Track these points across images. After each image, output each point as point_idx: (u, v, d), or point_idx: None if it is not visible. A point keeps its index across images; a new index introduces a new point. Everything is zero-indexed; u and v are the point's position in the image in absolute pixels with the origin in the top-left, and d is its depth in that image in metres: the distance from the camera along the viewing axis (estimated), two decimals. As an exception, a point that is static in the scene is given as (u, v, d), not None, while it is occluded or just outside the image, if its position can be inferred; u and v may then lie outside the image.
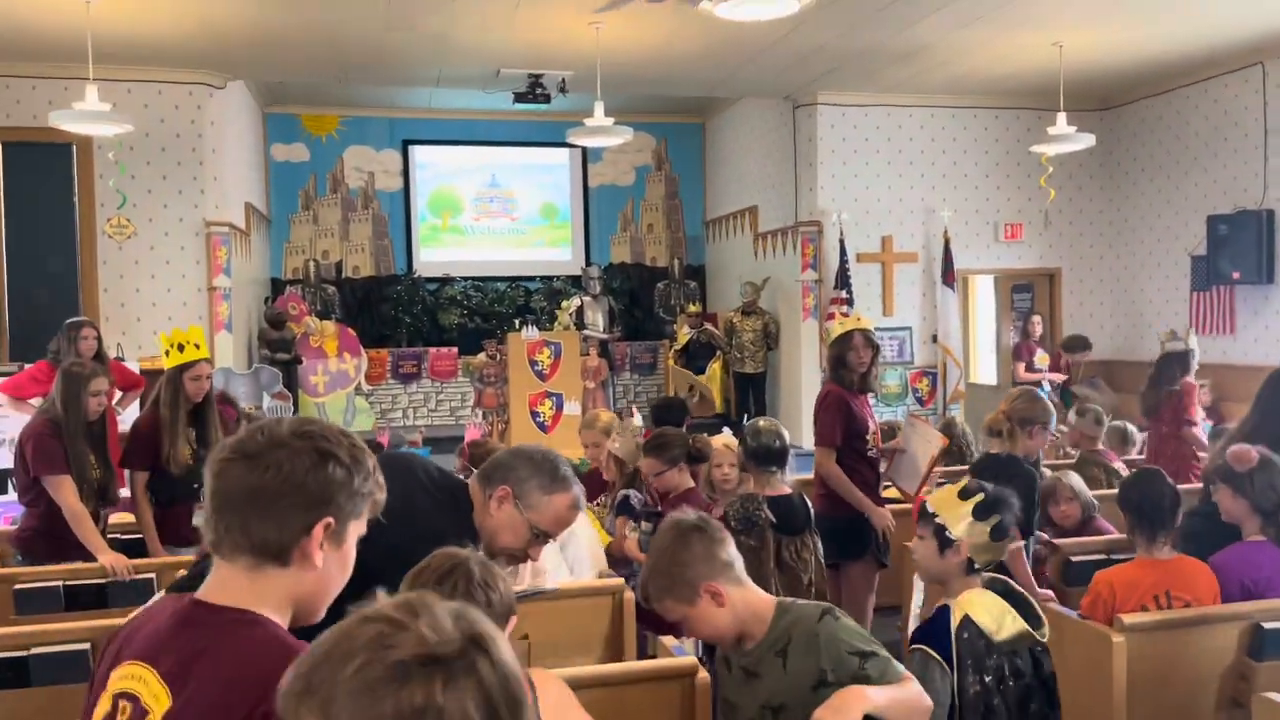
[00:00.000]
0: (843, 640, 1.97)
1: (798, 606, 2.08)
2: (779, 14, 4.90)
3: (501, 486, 2.17)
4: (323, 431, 1.37)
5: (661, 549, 2.11)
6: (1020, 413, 3.86)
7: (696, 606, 2.05)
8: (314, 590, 1.36)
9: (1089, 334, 10.46)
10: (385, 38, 7.73)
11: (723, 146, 12.75)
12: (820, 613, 2.03)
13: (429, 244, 12.92)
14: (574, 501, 2.22)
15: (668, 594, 2.08)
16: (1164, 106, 9.73)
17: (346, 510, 1.36)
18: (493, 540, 2.19)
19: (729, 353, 10.90)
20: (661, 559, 2.10)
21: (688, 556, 2.06)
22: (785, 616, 2.06)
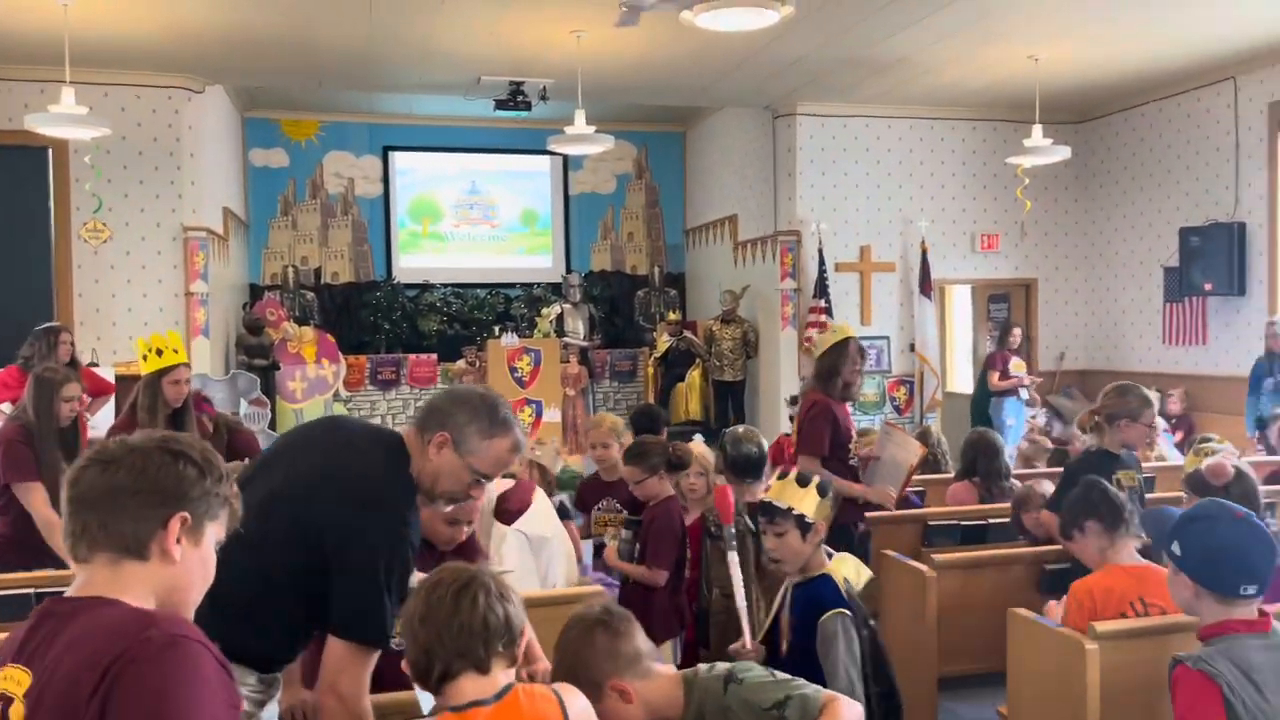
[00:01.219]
0: (754, 702, 1.92)
1: (701, 680, 2.02)
2: (759, 25, 4.93)
3: (440, 432, 2.13)
4: (176, 437, 1.46)
5: (563, 647, 2.02)
6: (1107, 408, 3.87)
7: (604, 704, 1.95)
8: (175, 585, 1.42)
9: (1064, 344, 10.60)
10: (366, 44, 7.72)
11: (703, 155, 12.80)
12: (724, 683, 1.98)
13: (409, 250, 12.88)
14: (514, 444, 2.20)
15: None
16: (1138, 120, 9.86)
17: (200, 509, 1.43)
18: (433, 485, 2.17)
19: (708, 360, 10.93)
20: (564, 657, 2.01)
21: (589, 654, 1.97)
22: (695, 693, 2.00)
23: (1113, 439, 3.87)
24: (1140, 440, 3.99)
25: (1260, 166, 8.49)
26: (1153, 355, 9.73)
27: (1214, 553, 2.10)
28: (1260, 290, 8.48)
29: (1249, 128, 8.60)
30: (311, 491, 2.07)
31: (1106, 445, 3.89)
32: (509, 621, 1.77)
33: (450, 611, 1.73)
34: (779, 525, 2.58)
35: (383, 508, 2.06)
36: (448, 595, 1.75)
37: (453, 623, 1.73)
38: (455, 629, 1.72)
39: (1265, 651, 2.04)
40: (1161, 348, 9.62)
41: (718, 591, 4.00)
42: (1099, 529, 3.12)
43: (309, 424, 2.48)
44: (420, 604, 1.77)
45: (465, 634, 1.72)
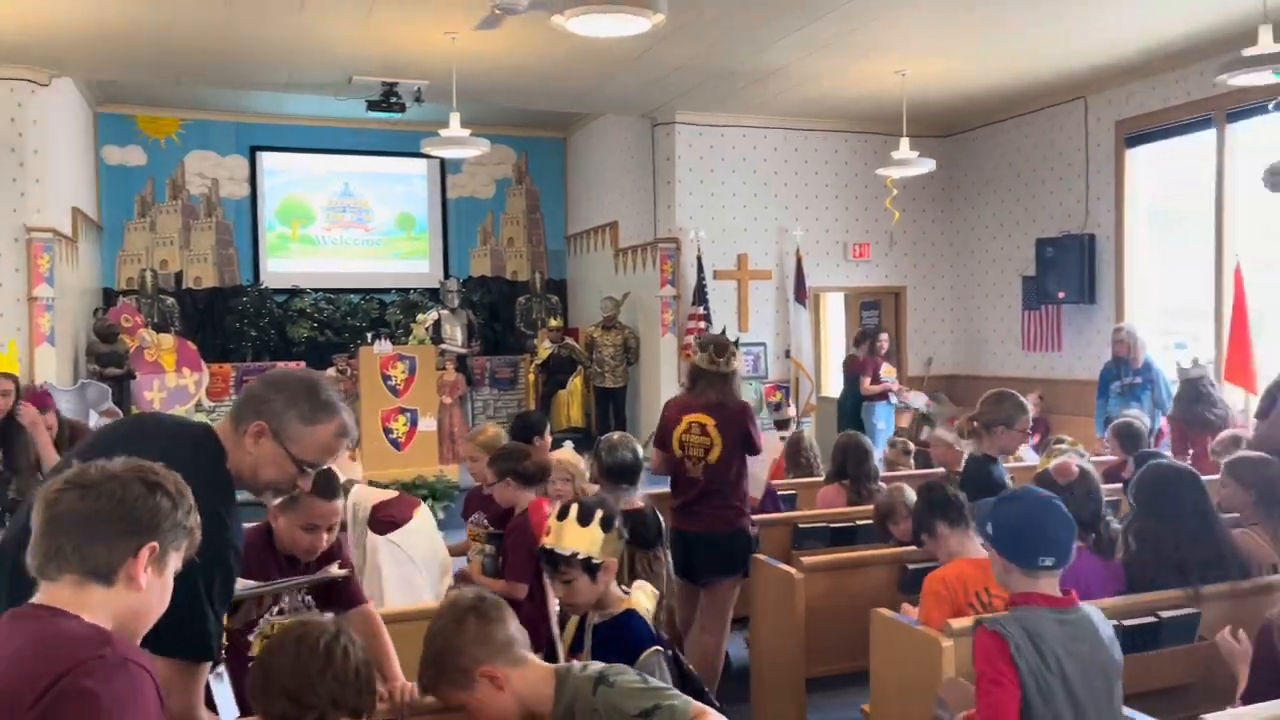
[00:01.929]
0: (622, 708, 1.89)
1: (574, 678, 1.98)
2: (630, 32, 4.93)
3: (256, 421, 2.00)
4: (152, 467, 1.54)
5: (435, 632, 1.99)
6: (985, 415, 4.00)
7: (473, 693, 1.94)
8: (135, 610, 1.49)
9: (931, 349, 10.98)
10: (227, 39, 7.39)
11: (583, 161, 12.78)
12: (594, 684, 1.94)
13: (277, 254, 12.41)
14: (340, 429, 2.06)
15: (442, 680, 1.98)
16: (998, 135, 10.31)
17: (169, 539, 1.52)
18: (254, 478, 2.03)
19: (589, 367, 10.89)
20: (434, 643, 1.98)
21: (460, 640, 1.95)
22: (565, 690, 1.97)
23: (991, 444, 4.00)
24: (1015, 446, 4.14)
25: (1108, 181, 8.99)
26: (1013, 360, 10.18)
27: (1017, 529, 2.33)
28: (1108, 299, 8.97)
29: (1098, 144, 9.09)
30: None
31: (985, 450, 4.03)
32: (371, 670, 1.85)
33: (324, 663, 1.77)
34: (565, 573, 2.37)
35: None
36: (319, 646, 1.78)
37: (327, 673, 1.76)
38: (330, 679, 1.76)
39: (1058, 625, 2.25)
40: (1020, 353, 10.07)
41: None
42: (947, 528, 3.23)
43: (113, 424, 2.37)
44: (288, 656, 1.79)
45: (341, 684, 1.77)
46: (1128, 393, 7.25)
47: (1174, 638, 3.10)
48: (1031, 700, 2.15)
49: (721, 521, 4.27)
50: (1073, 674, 2.21)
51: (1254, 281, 7.51)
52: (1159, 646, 3.08)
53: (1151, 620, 3.07)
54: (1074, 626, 2.29)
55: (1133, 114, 8.71)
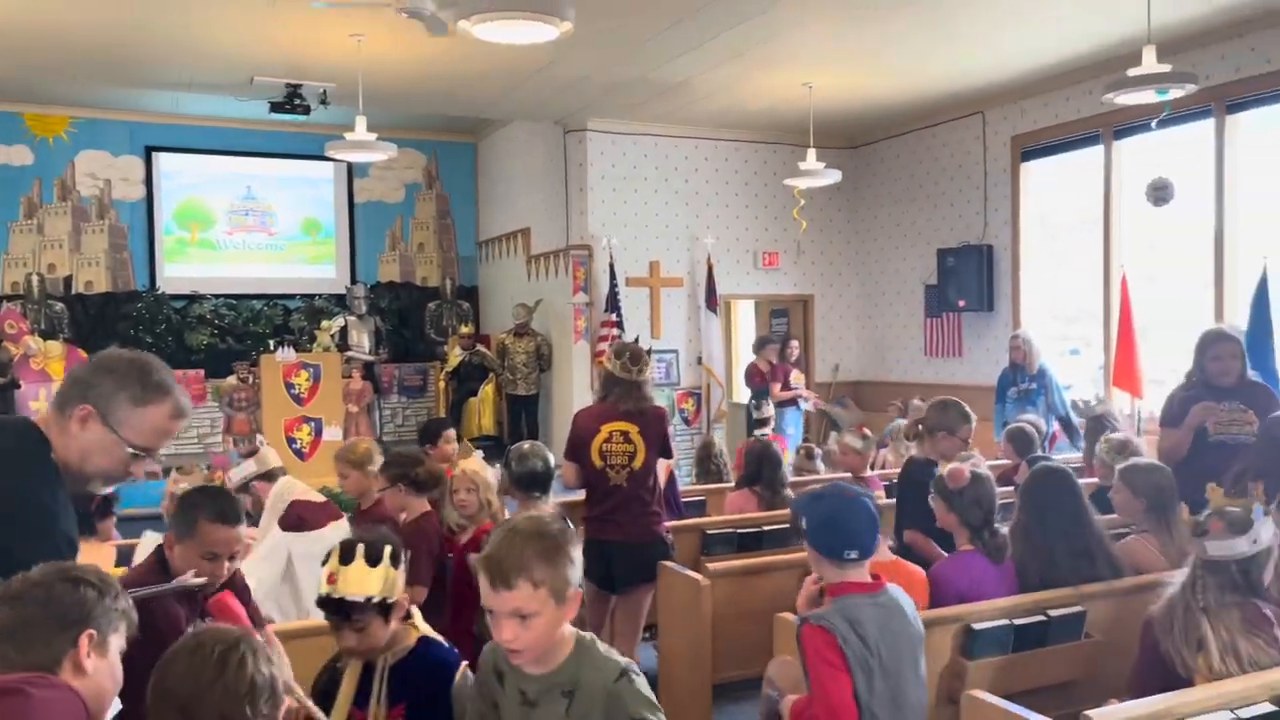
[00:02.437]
0: (631, 707, 1.88)
1: (596, 653, 1.95)
2: (537, 39, 4.90)
3: (81, 406, 1.91)
4: (72, 566, 1.67)
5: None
6: (929, 420, 4.23)
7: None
8: (89, 694, 1.57)
9: (838, 356, 11.19)
10: (123, 35, 7.11)
11: (495, 167, 12.68)
12: (619, 671, 1.91)
13: (175, 259, 11.98)
14: (174, 410, 1.98)
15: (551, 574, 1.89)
16: (902, 147, 10.59)
17: (104, 624, 1.63)
18: (82, 466, 1.93)
19: (501, 374, 10.80)
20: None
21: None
22: (582, 657, 1.94)
23: (932, 448, 4.20)
24: (955, 452, 4.23)
25: (1005, 194, 9.31)
26: (916, 367, 10.45)
27: (825, 524, 2.51)
28: (1006, 307, 9.29)
29: (995, 158, 9.42)
30: None
31: (926, 453, 4.21)
32: (274, 683, 1.76)
33: (216, 673, 1.70)
34: (358, 621, 2.18)
35: (13, 505, 1.83)
36: (213, 656, 1.71)
37: (218, 685, 1.69)
38: (220, 691, 1.69)
39: (873, 609, 2.43)
40: (923, 359, 10.35)
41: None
42: None
43: None
44: (181, 664, 1.72)
45: (231, 698, 1.69)
46: (1023, 398, 7.50)
47: (1062, 636, 3.22)
48: (857, 680, 2.34)
49: (643, 529, 4.27)
50: (887, 650, 2.39)
51: (1139, 291, 7.86)
52: (1047, 644, 3.19)
53: (1040, 619, 3.18)
54: (885, 608, 2.47)
55: (1027, 129, 9.05)
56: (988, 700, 2.54)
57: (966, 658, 3.09)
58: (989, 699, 2.55)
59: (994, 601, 3.22)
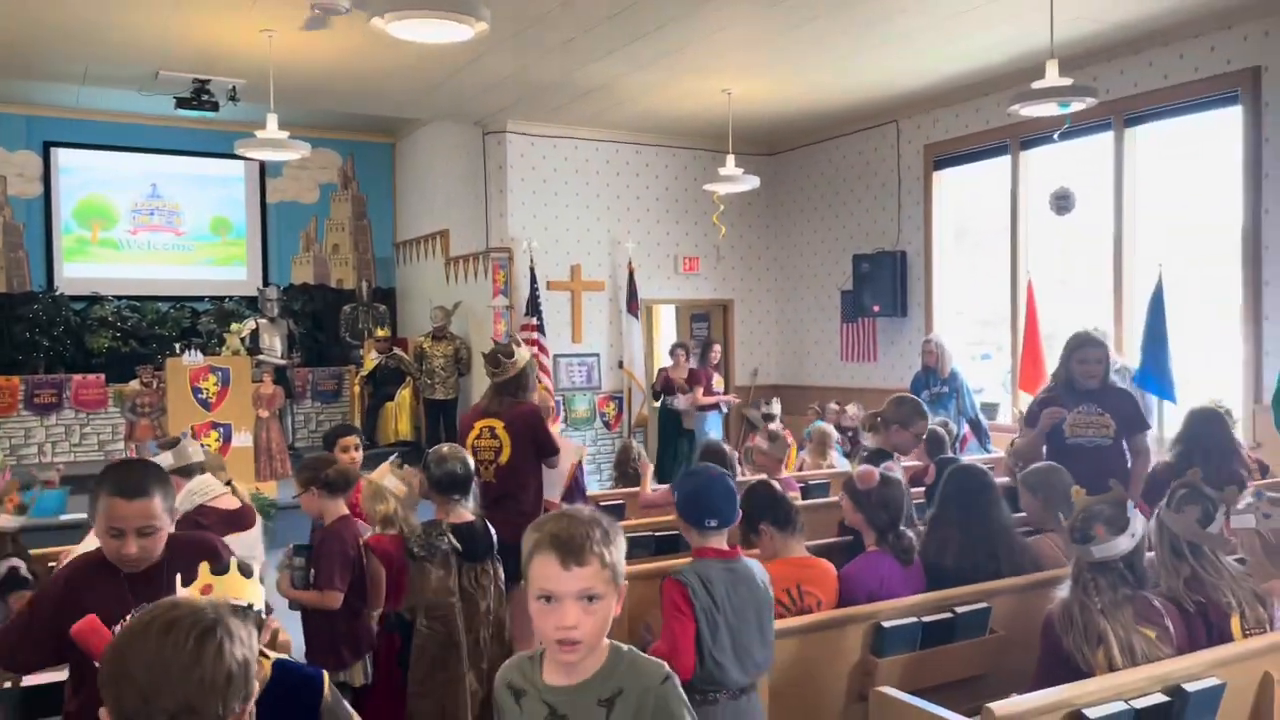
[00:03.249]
0: (679, 711, 1.81)
1: (637, 656, 1.85)
2: (452, 39, 4.85)
3: None
4: None
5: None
6: (885, 413, 4.63)
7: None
8: None
9: (758, 360, 11.31)
10: (18, 24, 6.80)
11: (413, 168, 12.49)
12: (664, 675, 1.82)
13: (75, 258, 11.51)
14: None
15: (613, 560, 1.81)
16: (819, 154, 10.76)
17: None
18: None
19: (419, 378, 10.63)
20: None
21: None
22: (619, 663, 1.82)
23: (885, 440, 4.56)
24: (906, 446, 4.63)
25: (918, 201, 9.53)
26: (833, 371, 10.62)
27: (689, 499, 2.90)
28: (919, 312, 9.50)
29: (908, 166, 9.63)
30: None
31: (880, 444, 4.53)
32: (248, 671, 1.55)
33: (190, 661, 1.49)
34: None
35: None
36: (187, 642, 1.50)
37: (191, 674, 1.48)
38: (193, 683, 1.48)
39: (725, 572, 2.76)
40: (840, 364, 10.52)
41: (422, 617, 3.85)
42: (772, 529, 3.32)
43: None
44: (150, 644, 1.50)
45: (202, 690, 1.49)
46: (936, 401, 7.66)
47: (968, 631, 3.28)
48: (702, 630, 2.67)
49: (511, 528, 4.26)
50: (733, 608, 2.71)
51: (1046, 296, 8.12)
52: (954, 640, 3.25)
53: (947, 616, 3.24)
54: (735, 573, 2.77)
55: (939, 138, 9.28)
56: (895, 696, 2.58)
57: (876, 655, 3.13)
58: (896, 695, 2.58)
59: (903, 599, 3.28)
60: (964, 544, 3.52)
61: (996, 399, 9.02)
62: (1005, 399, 8.93)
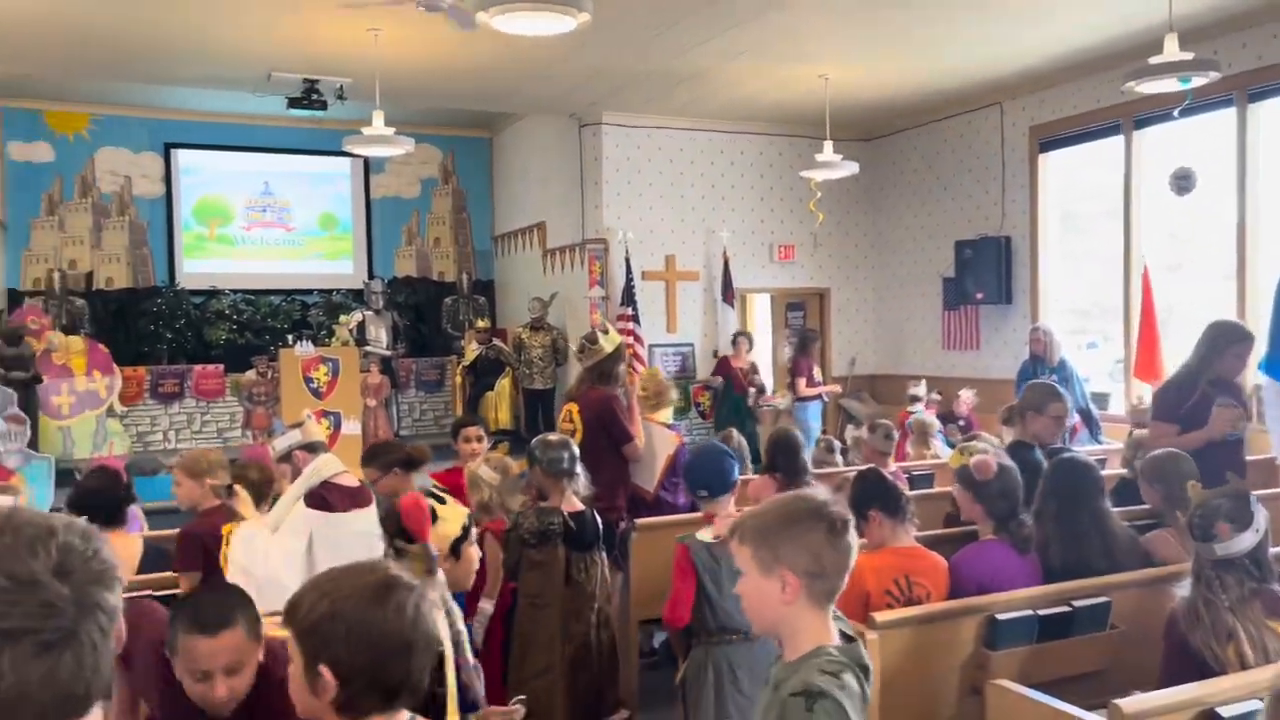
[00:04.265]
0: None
1: (813, 664, 1.77)
2: (556, 30, 4.91)
3: None
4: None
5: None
6: (1021, 402, 4.45)
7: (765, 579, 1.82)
8: None
9: (855, 349, 11.16)
10: (141, 31, 7.15)
11: (510, 161, 12.69)
12: (805, 690, 1.74)
13: (194, 254, 12.06)
14: None
15: (753, 541, 1.83)
16: (919, 139, 10.54)
17: None
18: None
19: (518, 368, 10.81)
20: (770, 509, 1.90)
21: (787, 534, 1.81)
22: (802, 661, 1.79)
23: (1023, 430, 4.30)
24: (1048, 432, 4.23)
25: (1023, 185, 9.26)
26: (933, 360, 10.41)
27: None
28: (1024, 299, 9.23)
29: (1013, 149, 9.36)
30: None
31: (1019, 436, 4.33)
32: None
33: (414, 631, 1.53)
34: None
35: None
36: (408, 607, 1.53)
37: (417, 645, 1.52)
38: (419, 650, 1.52)
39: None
40: (941, 352, 10.30)
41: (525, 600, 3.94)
42: (881, 515, 3.29)
43: None
44: (375, 613, 1.51)
45: (423, 661, 1.53)
46: (1044, 390, 7.45)
47: (1086, 626, 3.20)
48: (705, 584, 3.26)
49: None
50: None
51: (1160, 282, 7.80)
52: (1072, 634, 3.17)
53: (1065, 610, 3.16)
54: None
55: (1046, 119, 8.98)
56: (1014, 690, 2.53)
57: (990, 648, 3.08)
58: (1015, 688, 2.54)
59: (1017, 592, 3.21)
60: (1065, 538, 3.42)
61: (1105, 389, 8.71)
62: (1115, 390, 8.62)
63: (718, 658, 3.29)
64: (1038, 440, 4.21)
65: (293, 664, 1.55)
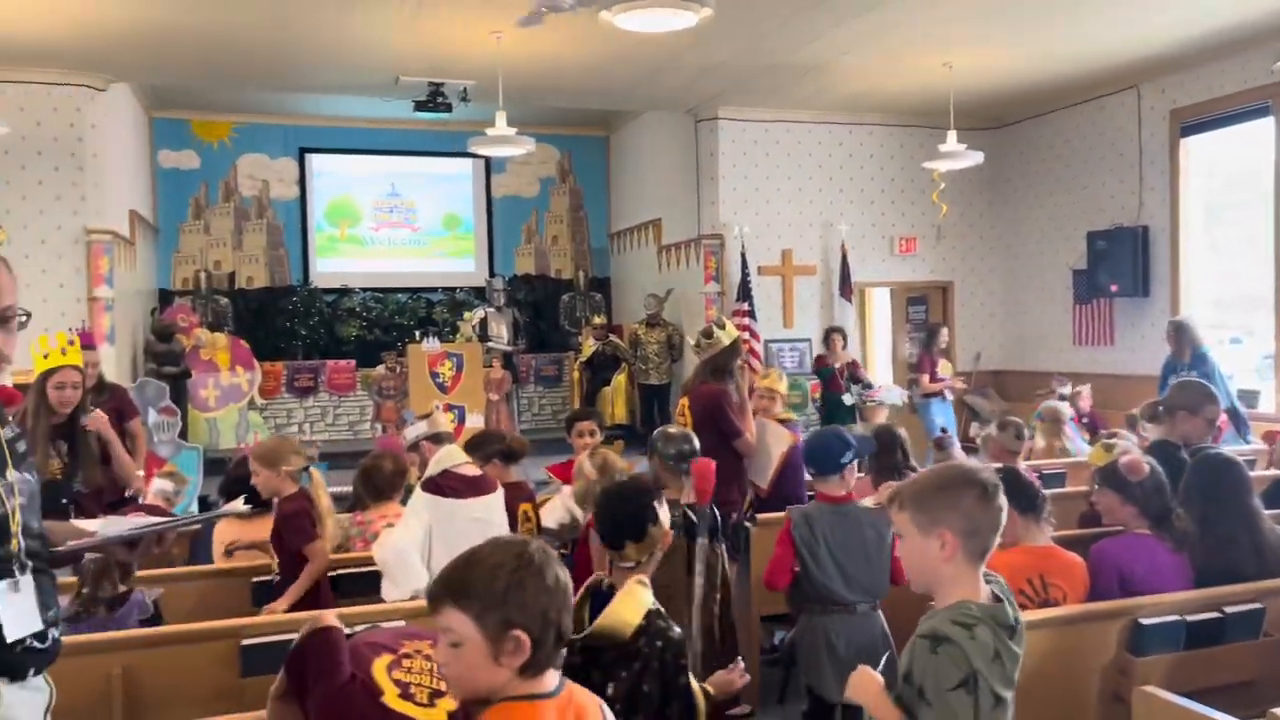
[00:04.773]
0: (936, 677, 1.92)
1: (945, 617, 1.97)
2: (677, 26, 4.94)
3: None
4: None
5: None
6: (1169, 400, 4.33)
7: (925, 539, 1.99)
8: None
9: (980, 345, 10.83)
10: (278, 41, 7.52)
11: (627, 159, 12.80)
12: (931, 634, 1.95)
13: (326, 254, 12.60)
14: None
15: (911, 506, 2.02)
16: (1048, 126, 10.15)
17: None
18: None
19: (633, 364, 10.91)
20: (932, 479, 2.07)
21: (942, 498, 2.00)
22: (946, 612, 1.97)
23: (1173, 430, 4.12)
24: (1198, 433, 4.06)
25: (1162, 172, 8.82)
26: (1063, 356, 10.02)
27: (804, 448, 3.85)
28: (1163, 291, 8.80)
29: (1151, 134, 8.92)
30: None
31: (1166, 435, 4.16)
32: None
33: (565, 596, 1.66)
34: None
35: None
36: (559, 579, 1.65)
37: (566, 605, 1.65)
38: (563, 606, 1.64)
39: (832, 514, 3.49)
40: (1071, 348, 9.91)
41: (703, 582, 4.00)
42: (1015, 514, 3.19)
43: None
44: (547, 572, 1.64)
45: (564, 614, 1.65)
46: (1185, 388, 7.09)
47: (1239, 633, 3.04)
48: (803, 556, 3.41)
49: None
50: (836, 543, 3.40)
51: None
52: (1223, 642, 3.02)
53: (1215, 616, 3.02)
54: (843, 515, 3.48)
55: (1187, 102, 8.53)
56: (1165, 698, 2.42)
57: (1134, 654, 2.96)
58: (1166, 696, 2.43)
59: (1163, 596, 3.07)
60: (1211, 540, 3.24)
61: (1252, 386, 8.22)
62: (1265, 387, 8.13)
63: (818, 626, 3.45)
64: (1185, 440, 4.00)
65: (462, 648, 1.60)
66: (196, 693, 3.03)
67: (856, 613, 3.38)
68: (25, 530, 1.96)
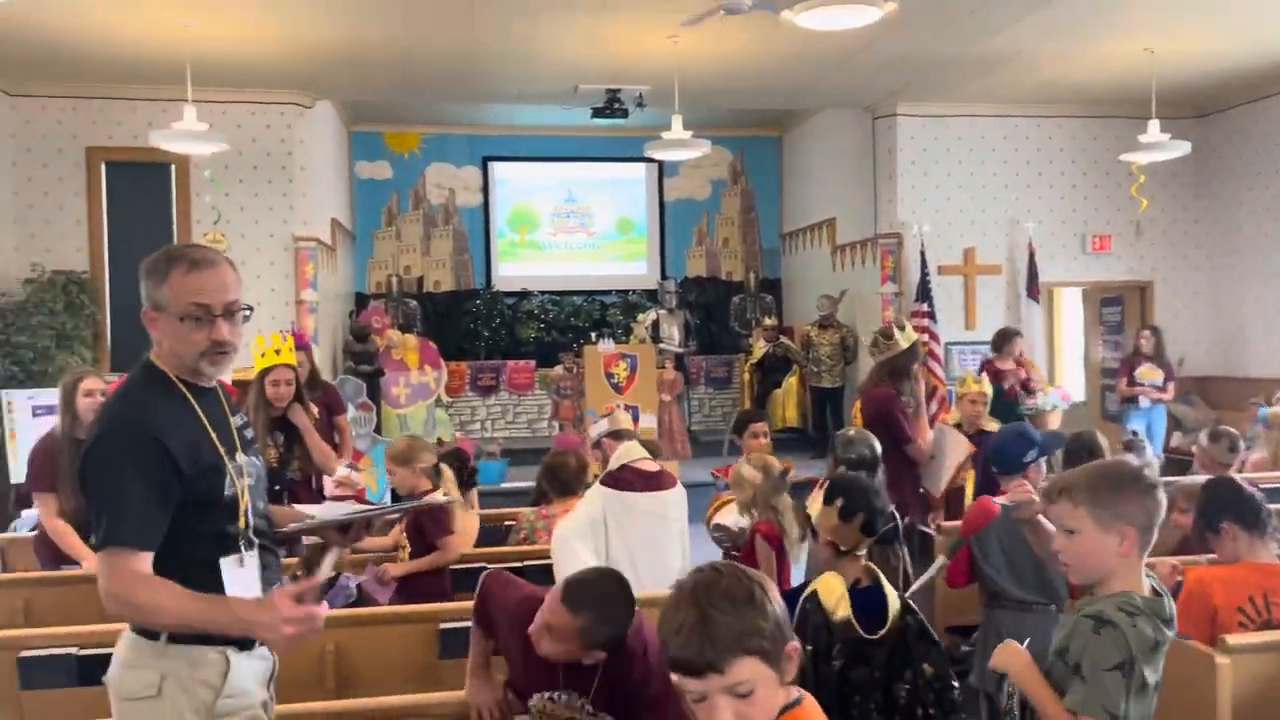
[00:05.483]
0: (1095, 655, 1.97)
1: (1110, 603, 2.03)
2: (861, 22, 4.86)
3: (144, 312, 2.14)
4: None
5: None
6: None
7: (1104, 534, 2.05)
8: None
9: (1183, 349, 10.09)
10: (468, 54, 7.89)
11: (800, 159, 12.67)
12: (1096, 616, 2.02)
13: (507, 259, 13.11)
14: (189, 264, 2.08)
15: (1088, 501, 2.07)
16: (1264, 112, 9.36)
17: None
18: (179, 358, 2.11)
19: (805, 366, 10.79)
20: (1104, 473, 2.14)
21: (1121, 495, 2.05)
22: (1112, 599, 2.03)
23: None
24: None
25: (1401, 158, 7.97)
26: (1277, 360, 9.20)
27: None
28: (1402, 290, 7.95)
29: (1388, 117, 8.08)
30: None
31: None
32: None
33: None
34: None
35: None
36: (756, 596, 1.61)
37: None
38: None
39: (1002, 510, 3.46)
40: (1290, 352, 9.09)
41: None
42: (1236, 529, 2.99)
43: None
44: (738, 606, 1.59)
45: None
46: None
47: None
48: (975, 552, 3.49)
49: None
50: (1009, 541, 3.40)
51: None
52: None
53: None
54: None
55: None
56: None
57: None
58: None
59: None
60: None
61: None
62: None
63: (990, 620, 3.55)
64: None
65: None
66: (399, 670, 3.24)
67: (1033, 611, 3.41)
68: (253, 509, 2.16)
